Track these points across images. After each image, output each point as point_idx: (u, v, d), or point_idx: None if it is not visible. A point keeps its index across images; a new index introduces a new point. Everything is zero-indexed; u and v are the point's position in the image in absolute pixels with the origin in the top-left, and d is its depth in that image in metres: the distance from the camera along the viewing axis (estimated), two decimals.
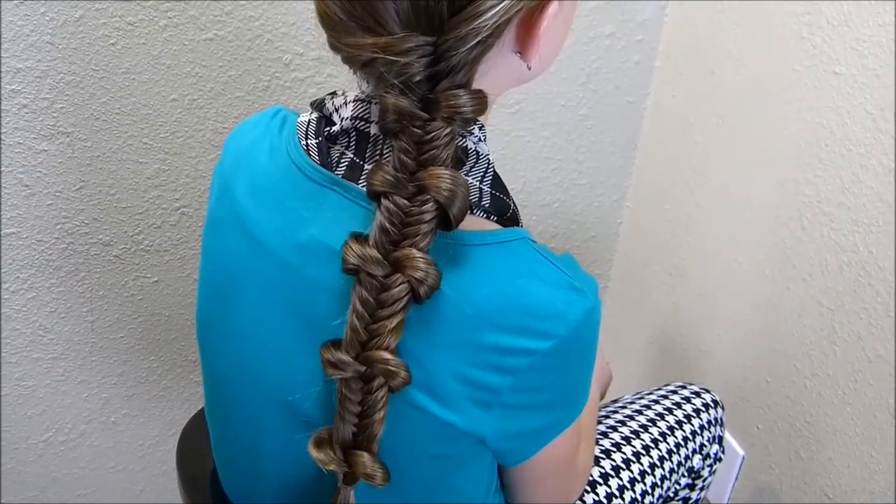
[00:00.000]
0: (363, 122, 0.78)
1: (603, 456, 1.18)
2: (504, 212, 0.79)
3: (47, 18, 1.31)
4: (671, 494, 1.26)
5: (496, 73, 0.74)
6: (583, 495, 1.12)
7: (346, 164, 0.79)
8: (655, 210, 1.85)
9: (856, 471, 1.35)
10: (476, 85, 0.70)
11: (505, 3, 0.65)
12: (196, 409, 1.34)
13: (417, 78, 0.67)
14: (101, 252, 1.55)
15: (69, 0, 1.30)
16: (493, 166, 0.80)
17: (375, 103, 0.76)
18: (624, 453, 1.19)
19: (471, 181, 0.77)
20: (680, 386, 1.34)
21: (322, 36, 0.73)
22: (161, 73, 1.41)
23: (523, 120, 1.72)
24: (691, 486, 1.29)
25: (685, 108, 1.70)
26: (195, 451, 1.22)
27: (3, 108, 1.36)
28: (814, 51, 1.33)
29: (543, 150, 1.78)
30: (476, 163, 0.78)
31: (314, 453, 0.77)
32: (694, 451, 1.26)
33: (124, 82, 1.40)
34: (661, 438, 1.23)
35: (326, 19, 0.70)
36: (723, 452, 1.32)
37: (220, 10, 1.39)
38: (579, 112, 1.75)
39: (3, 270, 1.51)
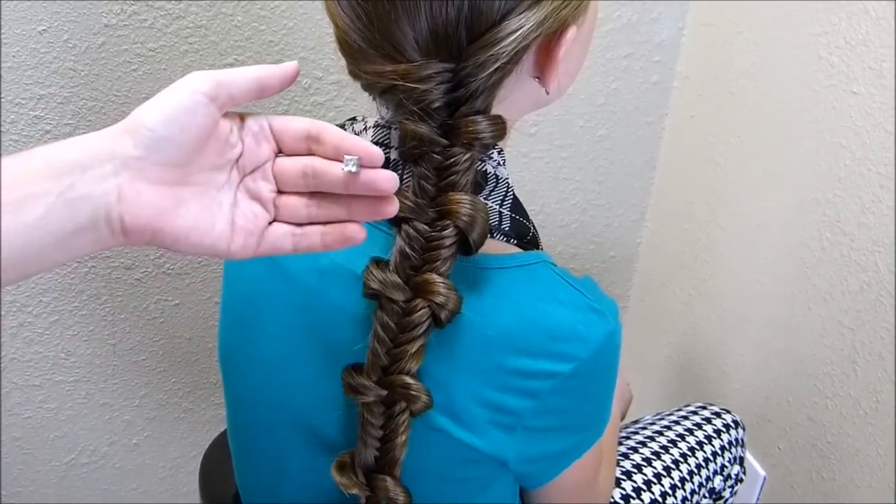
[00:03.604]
0: (383, 148, 0.78)
1: (624, 477, 1.18)
2: (524, 235, 0.80)
3: (70, 45, 1.33)
4: None
5: (515, 98, 0.75)
6: None
7: None
8: (674, 230, 1.85)
9: (878, 491, 1.34)
10: (495, 110, 0.71)
11: (523, 29, 0.66)
12: (218, 432, 1.34)
13: (436, 104, 0.67)
14: (123, 276, 1.56)
15: (92, 27, 1.32)
16: (512, 190, 0.80)
17: (395, 129, 0.76)
18: (645, 475, 1.19)
19: (490, 205, 0.78)
20: (700, 406, 1.34)
21: (341, 61, 0.74)
22: None
23: (542, 141, 1.72)
24: None
25: (704, 129, 1.69)
26: (217, 473, 1.22)
27: (26, 133, 1.37)
28: (832, 70, 1.33)
29: (562, 171, 1.78)
30: (496, 187, 0.78)
31: (336, 477, 0.77)
32: (715, 472, 1.26)
33: None
34: (682, 459, 1.22)
35: (346, 47, 0.71)
36: (744, 473, 1.32)
37: (240, 35, 1.40)
38: (598, 133, 1.76)
39: (26, 295, 1.52)
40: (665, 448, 1.23)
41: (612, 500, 1.14)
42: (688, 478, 1.22)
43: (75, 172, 0.52)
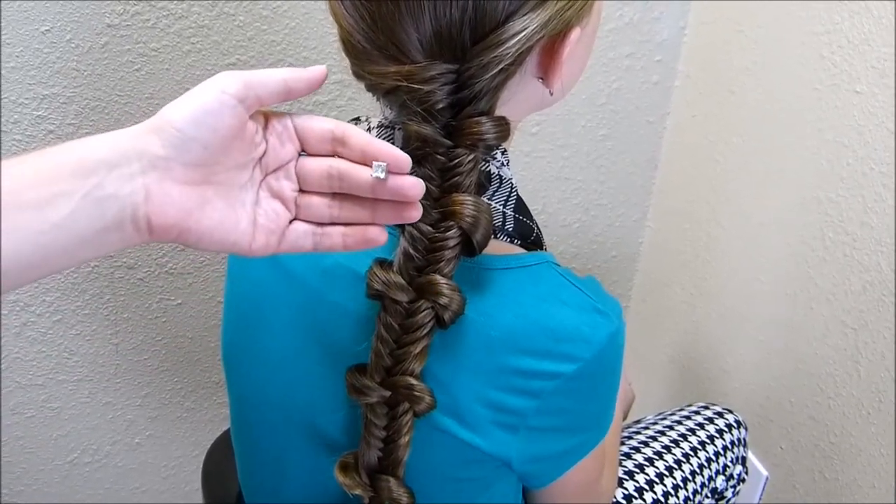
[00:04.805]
0: None
1: (626, 477, 1.18)
2: (528, 235, 0.80)
3: (73, 45, 1.33)
4: None
5: (518, 99, 0.75)
6: None
7: None
8: (676, 229, 1.84)
9: (881, 491, 1.34)
10: (499, 111, 0.70)
11: (527, 31, 0.66)
12: (220, 431, 1.34)
13: (440, 105, 0.67)
14: (125, 275, 1.56)
15: (95, 27, 1.32)
16: (516, 190, 0.80)
17: (399, 130, 0.76)
18: (647, 475, 1.19)
19: (494, 205, 0.78)
20: (702, 406, 1.34)
21: (344, 61, 0.74)
22: None
23: (544, 141, 1.72)
24: None
25: (705, 128, 1.69)
26: (220, 472, 1.22)
27: (29, 133, 1.37)
28: (834, 69, 1.33)
29: (564, 170, 1.78)
30: (499, 187, 0.78)
31: (340, 478, 0.77)
32: (717, 472, 1.26)
33: (148, 107, 1.41)
34: (684, 459, 1.22)
35: (350, 47, 0.71)
36: (746, 473, 1.32)
37: (242, 35, 1.40)
38: (599, 132, 1.76)
39: (29, 294, 1.52)
40: (667, 448, 1.23)
41: (614, 500, 1.14)
42: (690, 478, 1.22)
43: (102, 171, 0.52)
